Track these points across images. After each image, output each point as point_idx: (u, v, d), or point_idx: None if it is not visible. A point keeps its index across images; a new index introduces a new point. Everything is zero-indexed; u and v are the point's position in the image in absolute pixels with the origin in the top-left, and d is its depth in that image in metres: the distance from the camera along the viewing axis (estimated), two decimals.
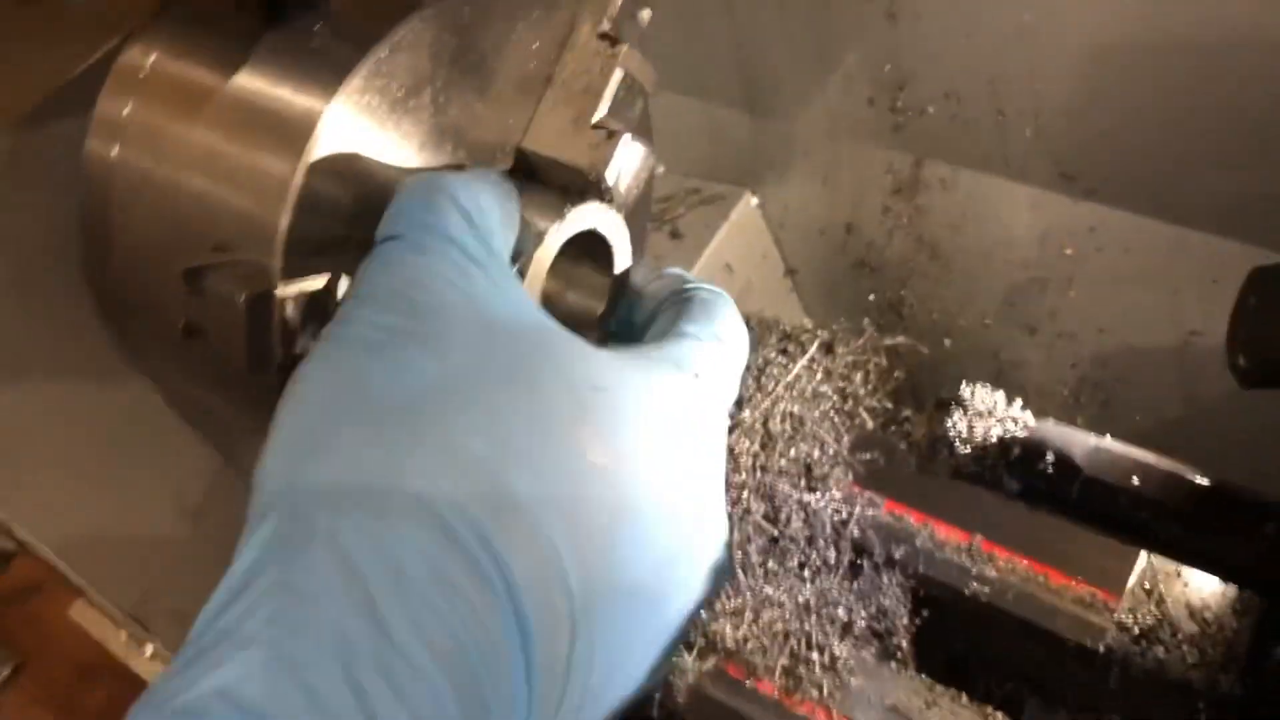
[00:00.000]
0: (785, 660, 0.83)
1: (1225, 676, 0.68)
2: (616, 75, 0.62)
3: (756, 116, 1.22)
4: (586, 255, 0.65)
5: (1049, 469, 0.65)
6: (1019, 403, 0.70)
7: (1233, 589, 0.72)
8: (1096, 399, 1.13)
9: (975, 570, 0.85)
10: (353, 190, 0.57)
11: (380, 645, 0.36)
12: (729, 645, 0.84)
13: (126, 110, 0.62)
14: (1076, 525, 0.66)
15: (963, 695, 0.81)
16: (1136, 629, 0.73)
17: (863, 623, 0.86)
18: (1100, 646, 0.75)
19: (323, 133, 0.55)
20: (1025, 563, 0.85)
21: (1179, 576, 0.74)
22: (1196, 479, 0.63)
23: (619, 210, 0.64)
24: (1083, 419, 1.14)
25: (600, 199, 0.62)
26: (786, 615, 0.84)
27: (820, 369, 0.93)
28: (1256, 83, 0.84)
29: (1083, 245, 1.05)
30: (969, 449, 0.67)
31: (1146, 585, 0.74)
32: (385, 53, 0.56)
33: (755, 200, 1.29)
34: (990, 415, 0.67)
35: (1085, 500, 0.64)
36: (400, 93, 0.57)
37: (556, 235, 0.59)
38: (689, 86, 1.25)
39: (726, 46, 1.17)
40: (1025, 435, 0.66)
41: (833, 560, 0.88)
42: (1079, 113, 0.96)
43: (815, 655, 0.83)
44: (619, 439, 0.48)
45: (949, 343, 1.20)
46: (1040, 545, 0.85)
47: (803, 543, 0.88)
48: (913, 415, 1.22)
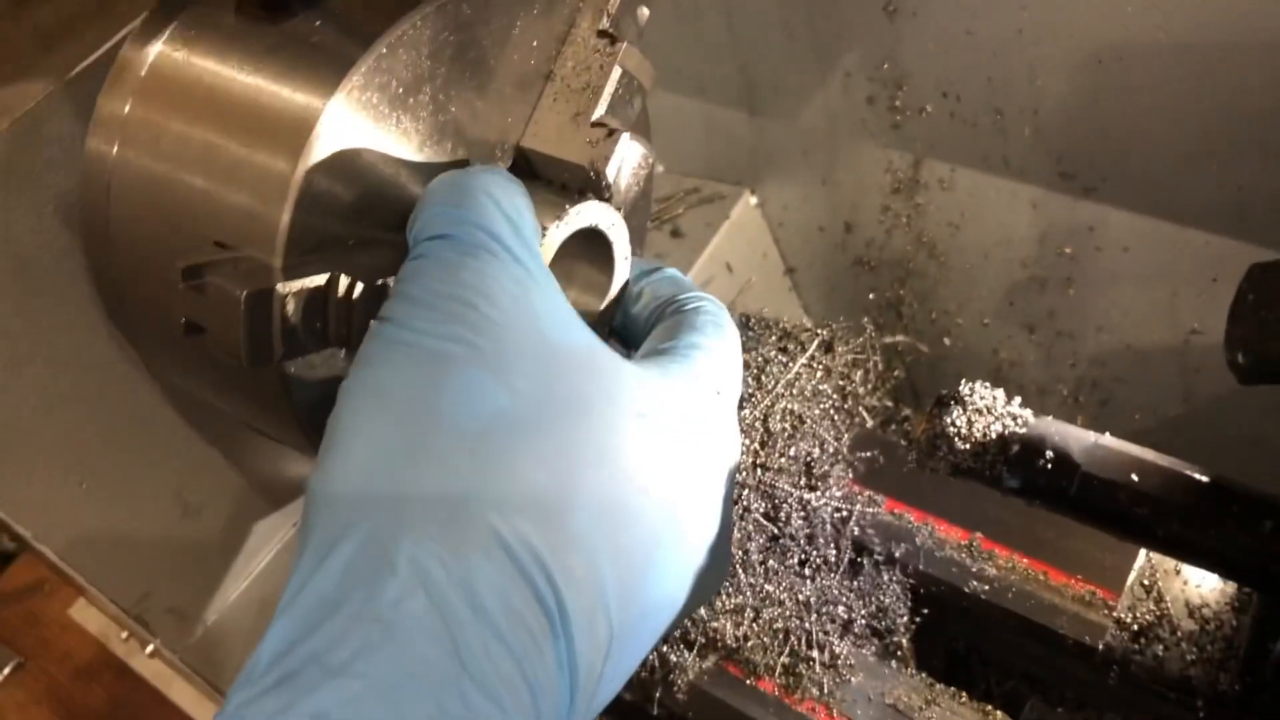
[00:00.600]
0: (785, 658, 0.84)
1: (1224, 673, 0.68)
2: (616, 73, 0.62)
3: (756, 116, 1.22)
4: (585, 253, 0.65)
5: (1048, 466, 0.65)
6: (1018, 400, 0.70)
7: (1231, 586, 0.72)
8: (1096, 398, 1.13)
9: (975, 568, 0.85)
10: (353, 187, 0.57)
11: (461, 678, 0.39)
12: (729, 643, 0.84)
13: (127, 108, 0.62)
14: (1075, 522, 0.66)
15: (962, 693, 0.81)
16: (1135, 626, 0.73)
17: (863, 621, 0.87)
18: (1099, 644, 0.75)
19: (323, 130, 0.55)
20: (1025, 561, 0.85)
21: (1178, 574, 0.75)
22: (1195, 475, 0.63)
23: (618, 208, 0.64)
24: (1082, 418, 1.15)
25: (600, 196, 0.62)
26: (787, 613, 0.85)
27: (820, 367, 0.94)
28: (1255, 81, 0.84)
29: (1082, 244, 1.05)
30: (968, 445, 0.67)
31: (1145, 582, 0.74)
32: (385, 50, 0.56)
33: (755, 199, 1.29)
34: (989, 412, 0.68)
35: (1084, 497, 0.64)
36: (400, 90, 0.57)
37: (557, 233, 0.59)
38: (689, 86, 1.25)
39: (726, 46, 1.18)
40: (1024, 432, 0.66)
41: (833, 558, 0.88)
42: (1078, 112, 0.96)
43: (815, 653, 0.83)
44: (659, 465, 0.49)
45: (948, 341, 1.21)
46: (1039, 543, 0.85)
47: (803, 541, 0.88)
48: (912, 413, 1.22)
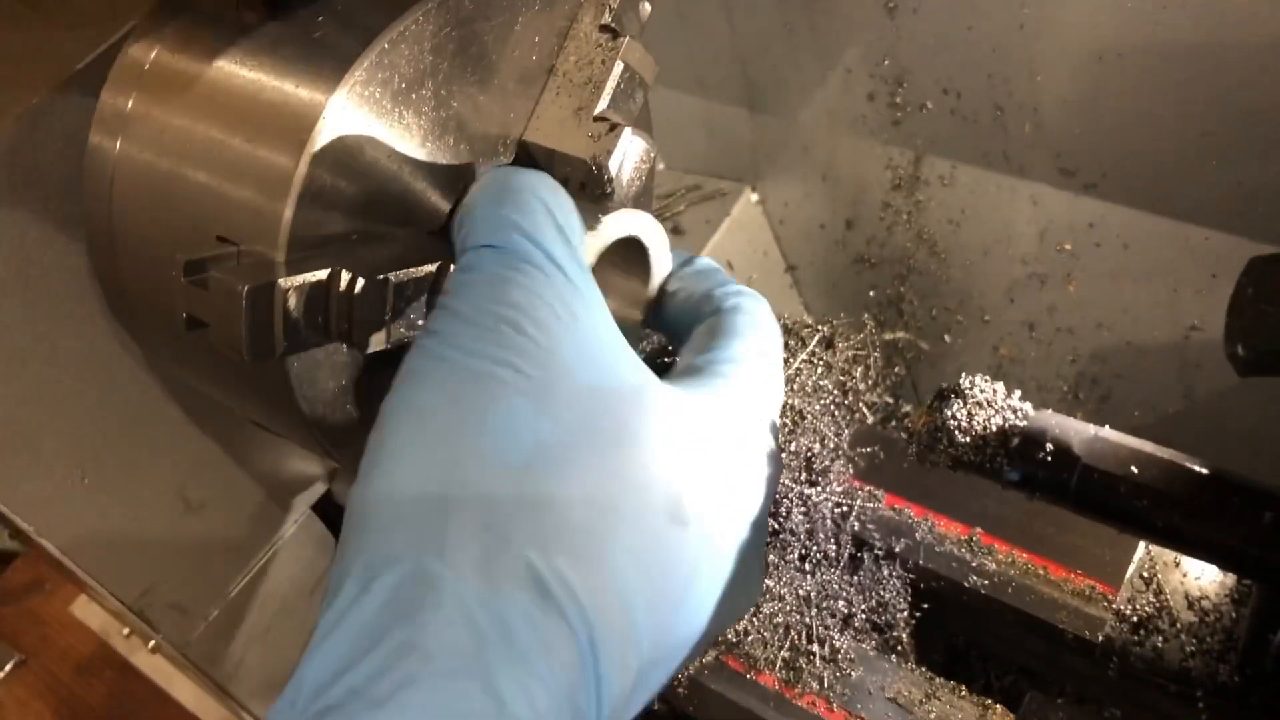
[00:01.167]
0: (786, 653, 0.84)
1: (1224, 665, 0.69)
2: (618, 68, 0.62)
3: (756, 113, 1.23)
4: (619, 259, 0.64)
5: (1048, 459, 0.65)
6: (1018, 393, 0.70)
7: (1231, 578, 0.73)
8: (1096, 394, 1.13)
9: (975, 563, 0.86)
10: (355, 182, 0.57)
11: (499, 711, 0.39)
12: (729, 638, 0.84)
13: (130, 104, 0.63)
14: (1075, 516, 0.67)
15: (962, 687, 0.81)
16: (1135, 618, 0.73)
17: (863, 615, 0.87)
18: (1099, 637, 0.76)
19: (325, 125, 0.55)
20: (1024, 555, 0.85)
21: (1177, 566, 0.75)
22: (1195, 468, 0.63)
23: (620, 203, 0.64)
24: (1082, 414, 1.15)
25: (601, 191, 0.62)
26: (787, 608, 0.85)
27: (820, 363, 0.94)
28: (1255, 78, 0.84)
29: (1082, 241, 1.05)
30: (969, 439, 0.67)
31: (1145, 574, 0.74)
32: (388, 45, 0.56)
33: (755, 196, 1.29)
34: (990, 405, 0.68)
35: (1084, 489, 0.64)
36: (403, 85, 0.58)
37: (594, 244, 0.59)
38: (689, 83, 1.25)
39: (727, 43, 1.18)
40: (1024, 425, 0.67)
41: (833, 553, 0.89)
42: (1078, 108, 0.96)
43: (816, 648, 0.84)
44: (700, 498, 0.49)
45: (948, 338, 1.21)
46: (1039, 538, 0.85)
47: (803, 536, 0.88)
48: (913, 410, 1.22)
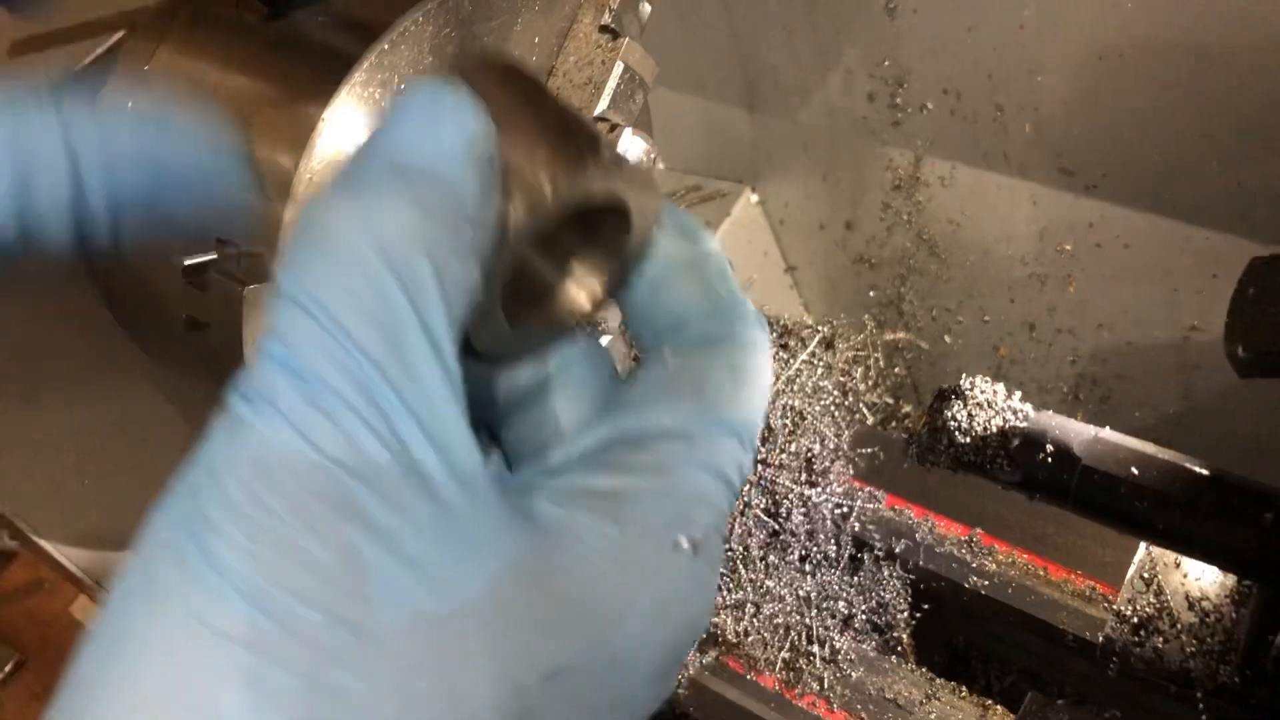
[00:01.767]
0: (786, 653, 0.84)
1: (1224, 666, 0.69)
2: (618, 69, 0.62)
3: (756, 113, 1.23)
4: (590, 227, 0.44)
5: (1049, 459, 0.65)
6: (1018, 394, 0.70)
7: (1231, 579, 0.73)
8: (1096, 395, 1.13)
9: (975, 564, 0.86)
10: None
11: None
12: (730, 638, 0.84)
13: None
14: (1075, 517, 0.67)
15: (962, 688, 0.81)
16: (1135, 619, 0.73)
17: (863, 616, 0.87)
18: (1099, 638, 0.76)
19: (325, 126, 0.55)
20: (1025, 556, 0.85)
21: (1178, 567, 0.75)
22: (1195, 469, 0.63)
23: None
24: (1082, 414, 1.15)
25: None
26: (787, 609, 0.85)
27: (820, 364, 0.94)
28: (1256, 78, 0.84)
29: (1082, 241, 1.05)
30: (969, 439, 0.67)
31: (1145, 575, 0.74)
32: (387, 46, 0.56)
33: (755, 197, 1.29)
34: (990, 406, 0.68)
35: (1085, 490, 0.64)
36: (403, 86, 0.58)
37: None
38: (689, 84, 1.25)
39: (726, 43, 1.18)
40: (1025, 426, 0.67)
41: (833, 554, 0.89)
42: (1078, 108, 0.96)
43: (816, 648, 0.84)
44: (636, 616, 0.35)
45: (949, 339, 1.21)
46: (1040, 538, 0.85)
47: (803, 536, 0.88)
48: (913, 410, 1.22)
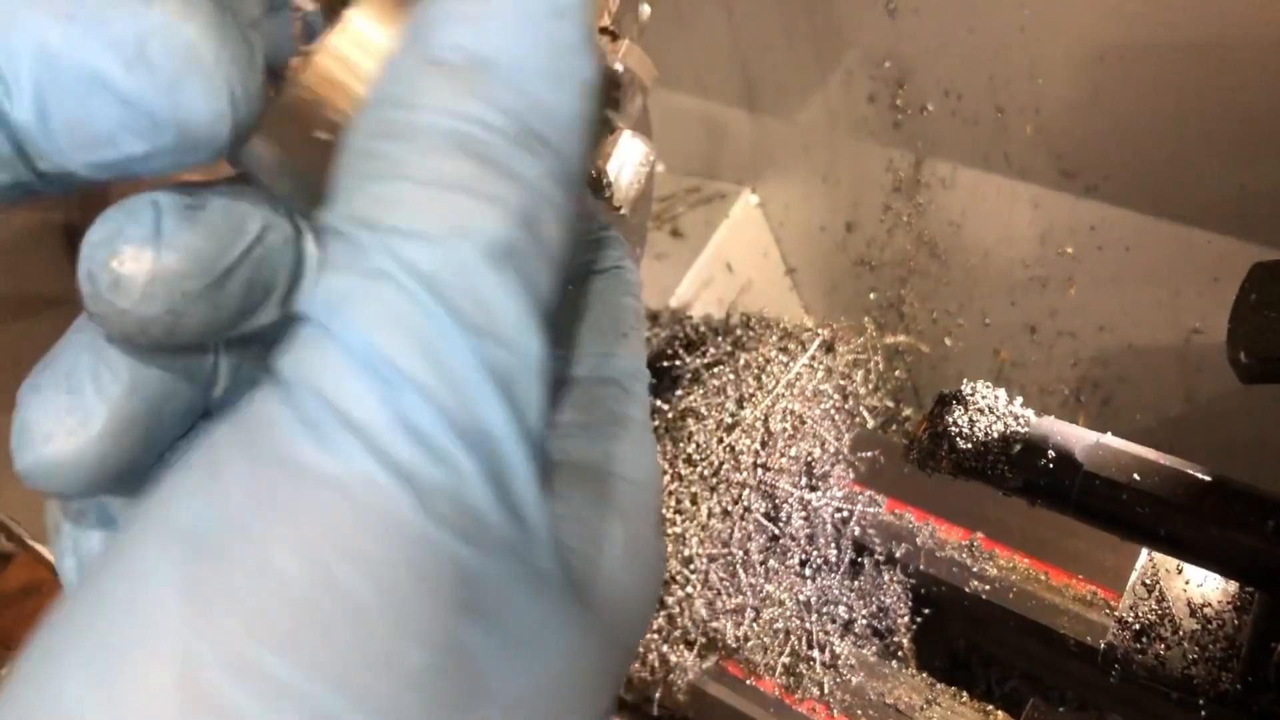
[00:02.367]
0: (786, 658, 0.83)
1: (1226, 673, 0.68)
2: (617, 70, 0.61)
3: (756, 114, 1.22)
4: None
5: (1050, 465, 0.64)
6: (1019, 399, 0.70)
7: (1233, 585, 0.72)
8: (1097, 398, 1.13)
9: (976, 568, 0.85)
10: None
11: None
12: (729, 643, 0.84)
13: None
14: (1077, 522, 0.66)
15: (963, 693, 0.81)
16: (1137, 625, 0.73)
17: (863, 621, 0.86)
18: (1101, 644, 0.75)
19: None
20: (1026, 561, 0.85)
21: (1180, 573, 0.74)
22: (1198, 475, 0.62)
23: (619, 207, 0.64)
24: (1084, 417, 1.15)
25: (600, 195, 0.62)
26: (787, 613, 0.85)
27: (821, 367, 0.93)
28: (1258, 79, 0.84)
29: (1083, 243, 1.05)
30: (970, 445, 0.66)
31: (1147, 582, 0.74)
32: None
33: (755, 198, 1.29)
34: (991, 412, 0.67)
35: (1086, 496, 0.64)
36: None
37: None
38: (689, 85, 1.25)
39: (726, 44, 1.17)
40: (1026, 432, 0.66)
41: (833, 558, 0.88)
42: (1079, 109, 0.96)
43: (816, 653, 0.83)
44: None
45: (949, 341, 1.20)
46: (1041, 543, 0.85)
47: (803, 541, 0.88)
48: (913, 414, 1.22)
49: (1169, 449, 0.66)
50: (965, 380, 0.71)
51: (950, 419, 0.67)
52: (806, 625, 0.84)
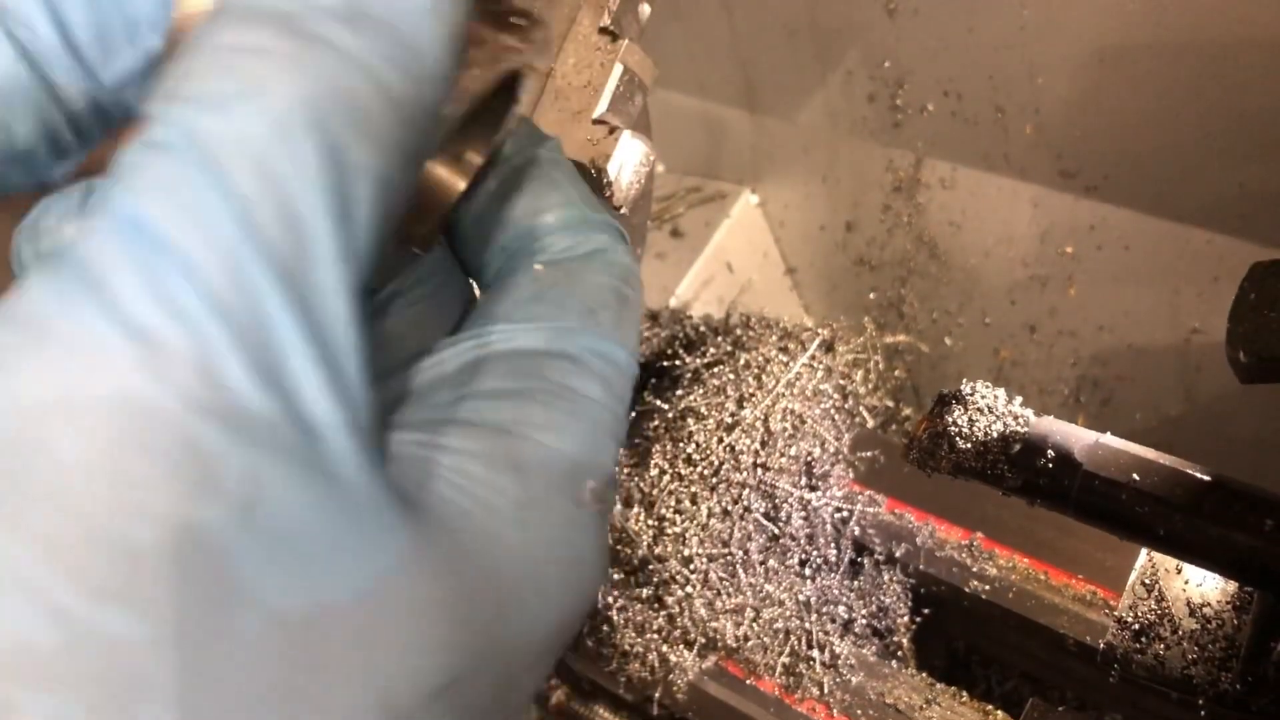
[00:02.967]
0: (786, 658, 0.83)
1: (1225, 673, 0.68)
2: (617, 70, 0.61)
3: (756, 114, 1.22)
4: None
5: (1049, 465, 0.64)
6: (1019, 399, 0.70)
7: (1233, 585, 0.72)
8: (1097, 397, 1.13)
9: (975, 568, 0.85)
10: None
11: None
12: (729, 643, 0.84)
13: None
14: (1076, 521, 0.66)
15: (963, 693, 0.81)
16: (1137, 625, 0.73)
17: (863, 620, 0.86)
18: (1100, 643, 0.75)
19: None
20: (1025, 560, 0.85)
21: (1179, 573, 0.74)
22: (1197, 474, 0.62)
23: (619, 206, 0.64)
24: (1083, 417, 1.15)
25: (600, 195, 0.62)
26: (787, 613, 0.85)
27: (821, 367, 0.93)
28: (1257, 79, 0.84)
29: (1083, 243, 1.05)
30: (970, 445, 0.67)
31: (1146, 581, 0.74)
32: None
33: (755, 198, 1.29)
34: (991, 411, 0.67)
35: (1086, 496, 0.64)
36: None
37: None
38: (689, 85, 1.25)
39: (726, 44, 1.17)
40: (1026, 431, 0.66)
41: (833, 558, 0.88)
42: (1079, 109, 0.96)
43: (816, 653, 0.83)
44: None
45: (949, 341, 1.20)
46: (1040, 543, 0.85)
47: (803, 540, 0.88)
48: (913, 413, 1.22)
49: (1168, 448, 0.66)
50: (965, 380, 0.71)
51: (950, 419, 0.67)
52: (806, 625, 0.84)
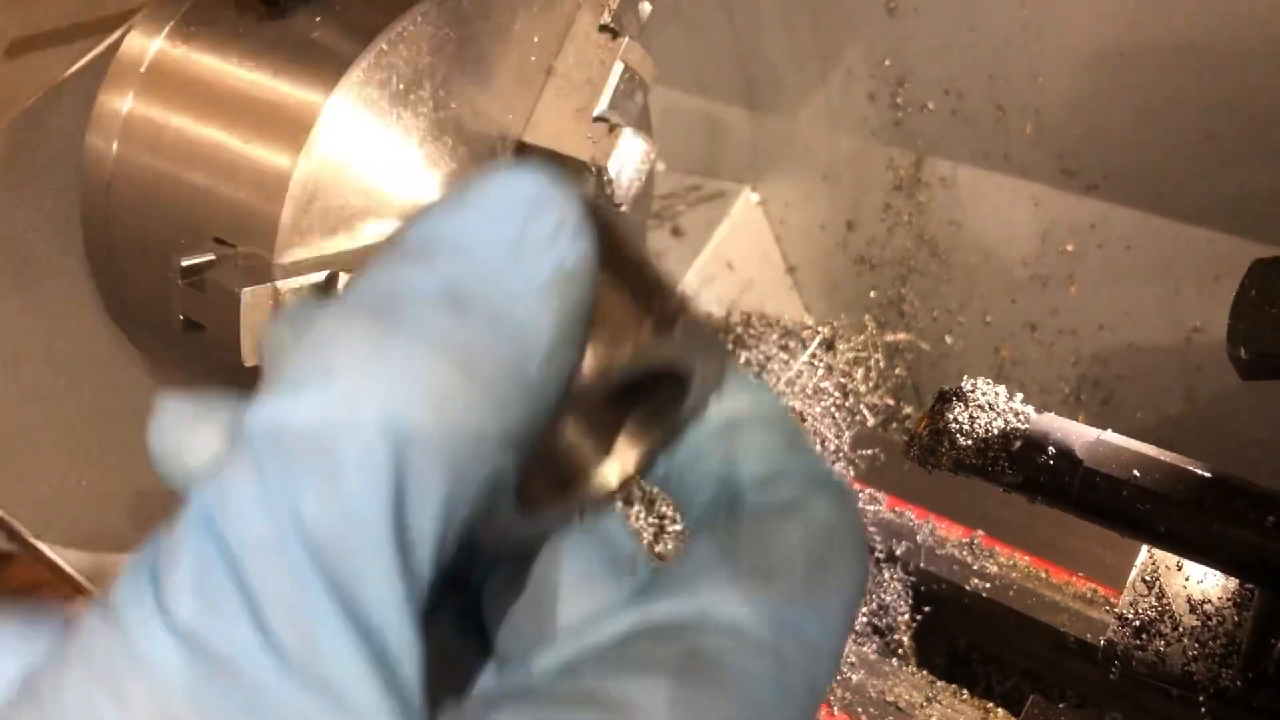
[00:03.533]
0: None
1: (1226, 669, 0.68)
2: (617, 68, 0.62)
3: (757, 113, 1.22)
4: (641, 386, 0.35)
5: (1050, 462, 0.65)
6: (1020, 396, 0.70)
7: (1233, 582, 0.72)
8: (1098, 396, 1.13)
9: (976, 566, 0.85)
10: (353, 184, 0.57)
11: None
12: None
13: (127, 105, 0.62)
14: (1077, 519, 0.66)
15: (964, 690, 0.81)
16: (1137, 622, 0.73)
17: (864, 619, 0.86)
18: (1101, 641, 0.75)
19: (323, 126, 0.55)
20: (1026, 558, 0.85)
21: (1180, 570, 0.74)
22: (1198, 471, 0.63)
23: (619, 204, 0.64)
24: (1084, 416, 1.15)
25: (601, 191, 0.62)
26: None
27: (821, 365, 0.94)
28: (1258, 78, 0.84)
29: (1083, 242, 1.05)
30: (970, 442, 0.67)
31: (1147, 578, 0.74)
32: (385, 46, 0.56)
33: (756, 197, 1.29)
34: (991, 408, 0.67)
35: (1086, 493, 0.64)
36: (401, 86, 0.57)
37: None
38: (689, 83, 1.25)
39: (726, 43, 1.17)
40: (1026, 428, 0.66)
41: None
42: (1079, 108, 0.96)
43: None
44: None
45: (950, 340, 1.20)
46: (1041, 540, 0.85)
47: None
48: (914, 411, 1.22)
49: (1169, 446, 0.66)
50: (966, 377, 0.71)
51: (950, 416, 0.67)
52: None
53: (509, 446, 0.25)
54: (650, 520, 0.86)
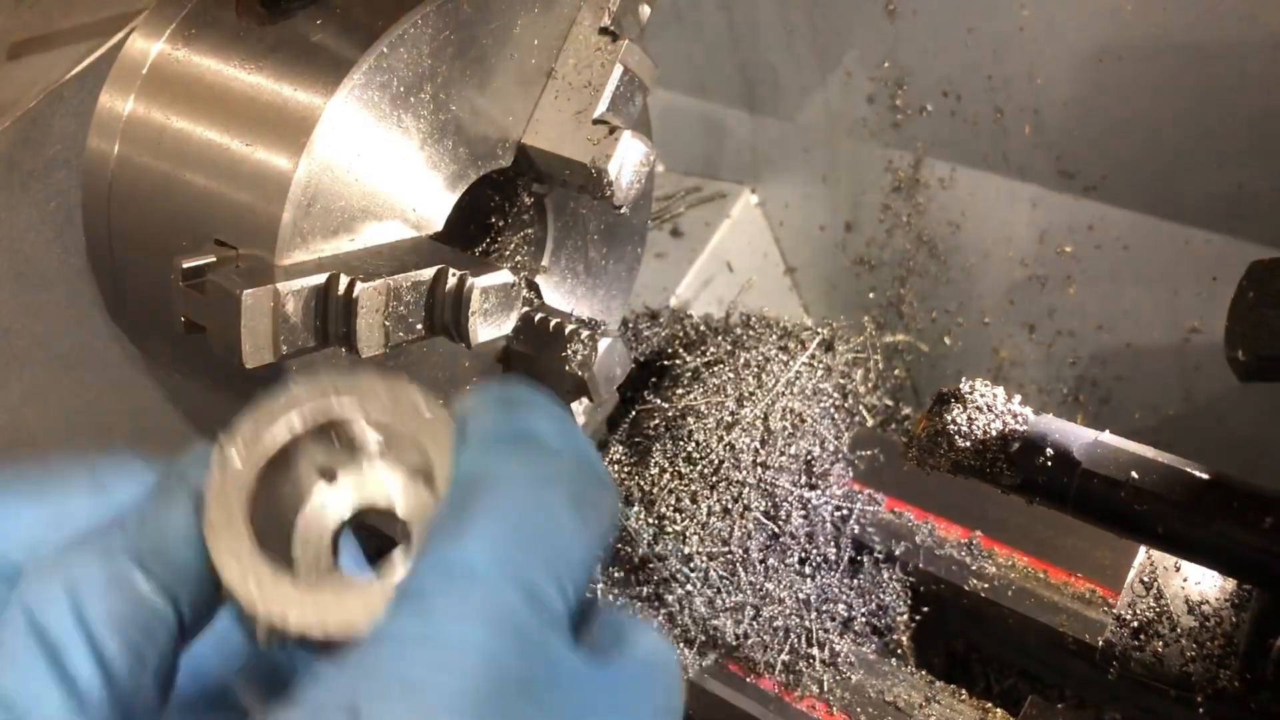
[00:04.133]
0: (786, 656, 0.84)
1: (1224, 670, 0.69)
2: (617, 71, 0.62)
3: (756, 115, 1.23)
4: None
5: (1048, 463, 0.65)
6: (1018, 398, 0.70)
7: (1231, 583, 0.72)
8: (1096, 396, 1.13)
9: (975, 566, 0.86)
10: (354, 186, 0.57)
11: None
12: (729, 641, 0.84)
13: (128, 107, 0.62)
14: (1075, 520, 0.67)
15: (962, 691, 0.81)
16: (1135, 623, 0.73)
17: (863, 619, 0.87)
18: (1099, 641, 0.76)
19: (324, 128, 0.55)
20: (1024, 559, 0.85)
21: (1178, 570, 0.75)
22: (1195, 472, 0.63)
23: (619, 206, 0.64)
24: (1082, 416, 1.15)
25: (601, 193, 0.62)
26: (787, 611, 0.85)
27: (820, 366, 0.94)
28: (1256, 80, 0.84)
29: (1082, 243, 1.05)
30: (969, 443, 0.67)
31: (1145, 579, 0.74)
32: (386, 49, 0.56)
33: (755, 198, 1.29)
34: (990, 410, 0.68)
35: (1084, 494, 0.64)
36: (401, 88, 0.58)
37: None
38: (689, 85, 1.25)
39: (726, 45, 1.18)
40: (1024, 429, 0.66)
41: (833, 556, 0.88)
42: (1078, 110, 0.96)
43: (815, 651, 0.83)
44: None
45: (948, 340, 1.21)
46: (1039, 541, 0.85)
47: (803, 539, 0.88)
48: (913, 412, 1.22)
49: (1167, 448, 0.67)
50: (964, 378, 0.72)
51: (949, 417, 0.68)
52: (806, 623, 0.85)
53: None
54: (649, 520, 0.86)
